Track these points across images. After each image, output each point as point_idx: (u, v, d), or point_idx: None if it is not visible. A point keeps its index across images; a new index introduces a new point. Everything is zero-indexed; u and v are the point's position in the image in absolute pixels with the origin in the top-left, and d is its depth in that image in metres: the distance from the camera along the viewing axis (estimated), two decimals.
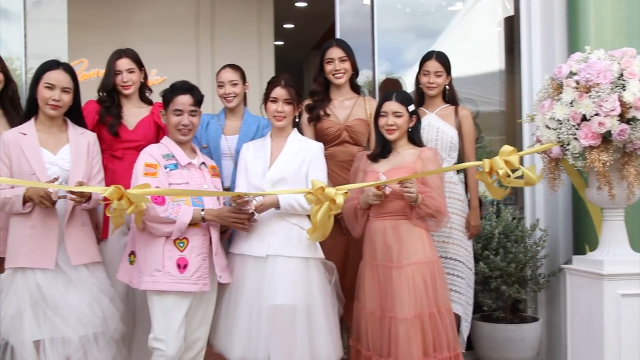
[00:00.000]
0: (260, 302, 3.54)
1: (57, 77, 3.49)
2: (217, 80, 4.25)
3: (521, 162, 3.61)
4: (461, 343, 4.25)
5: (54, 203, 3.34)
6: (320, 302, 3.61)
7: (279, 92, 3.73)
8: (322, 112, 4.23)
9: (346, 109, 4.27)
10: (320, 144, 3.89)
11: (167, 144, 3.62)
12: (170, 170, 3.53)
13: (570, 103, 3.61)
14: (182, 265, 3.42)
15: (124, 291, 3.78)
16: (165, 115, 3.63)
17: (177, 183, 3.51)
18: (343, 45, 4.29)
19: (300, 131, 3.95)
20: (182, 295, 3.42)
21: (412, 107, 3.77)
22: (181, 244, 3.45)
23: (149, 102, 4.22)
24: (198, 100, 3.62)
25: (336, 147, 4.21)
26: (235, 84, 4.19)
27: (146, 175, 3.46)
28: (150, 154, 3.55)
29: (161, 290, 3.40)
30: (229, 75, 4.20)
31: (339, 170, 4.16)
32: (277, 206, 3.60)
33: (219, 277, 3.53)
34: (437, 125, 4.32)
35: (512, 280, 4.60)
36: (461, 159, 4.38)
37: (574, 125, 3.58)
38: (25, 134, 3.48)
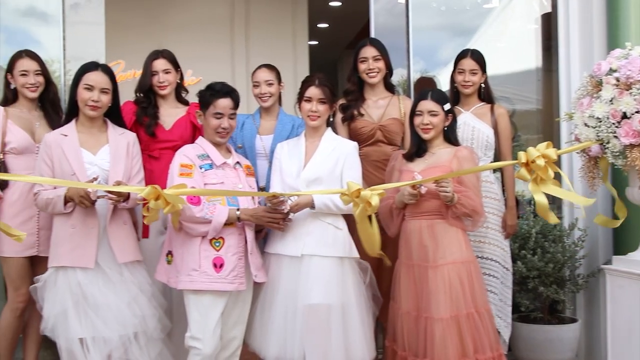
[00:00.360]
0: (296, 301, 3.55)
1: (95, 78, 3.53)
2: (253, 80, 4.27)
3: (559, 161, 3.57)
4: (502, 343, 4.21)
5: (93, 203, 3.38)
6: (355, 301, 3.61)
7: (313, 91, 3.73)
8: (355, 112, 4.23)
9: (380, 109, 4.26)
10: (355, 143, 3.88)
11: (202, 144, 3.64)
12: (206, 170, 3.55)
13: (610, 100, 3.55)
14: (218, 265, 3.44)
15: (162, 290, 3.82)
16: (203, 116, 3.65)
17: (212, 183, 3.53)
18: (377, 44, 4.27)
19: (335, 130, 3.95)
20: (219, 294, 3.44)
21: (447, 106, 3.75)
22: (217, 244, 3.47)
23: (185, 103, 4.26)
24: (237, 103, 3.64)
25: (370, 147, 4.20)
26: (270, 84, 4.20)
27: (181, 175, 3.48)
28: (186, 154, 3.58)
29: (198, 289, 3.43)
30: (265, 75, 4.21)
31: (373, 170, 4.15)
32: (312, 206, 3.61)
33: (254, 276, 3.55)
34: (473, 124, 4.29)
35: (550, 281, 4.54)
36: (497, 157, 4.34)
37: (613, 123, 3.53)
38: (66, 135, 3.53)
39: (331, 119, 3.88)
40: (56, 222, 3.52)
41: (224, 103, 3.59)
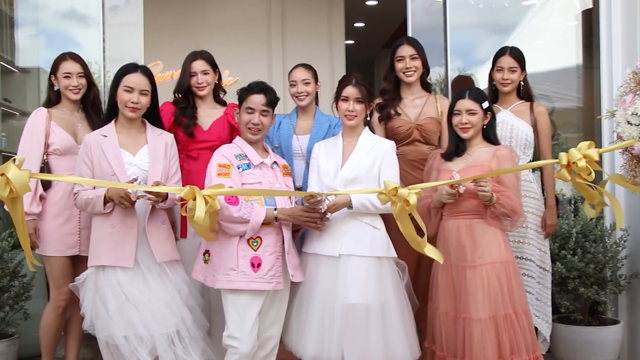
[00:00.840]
0: (334, 301, 3.54)
1: (135, 80, 3.57)
2: (290, 80, 4.28)
3: (600, 160, 3.51)
4: (543, 344, 4.17)
5: (133, 203, 3.43)
6: (394, 301, 3.59)
7: (350, 90, 3.73)
8: (392, 111, 4.22)
9: (417, 108, 4.24)
10: (392, 142, 3.86)
11: (239, 144, 3.67)
12: (243, 170, 3.57)
13: None
14: (255, 264, 3.46)
15: (199, 289, 3.85)
16: (239, 113, 3.68)
17: (250, 183, 3.55)
18: (414, 42, 4.26)
19: (372, 130, 3.94)
20: (256, 293, 3.46)
21: (486, 104, 3.71)
22: (255, 243, 3.49)
23: (223, 103, 4.28)
24: (271, 101, 3.65)
25: (407, 147, 4.19)
26: (307, 83, 4.21)
27: (219, 175, 3.50)
28: (223, 154, 3.60)
29: (235, 288, 3.45)
30: (301, 74, 4.23)
31: (410, 169, 4.14)
32: (350, 206, 3.61)
33: (291, 275, 3.56)
34: (512, 122, 4.25)
35: (590, 282, 4.48)
36: (536, 156, 4.29)
37: None
38: (106, 136, 3.58)
39: (368, 118, 3.87)
40: (96, 221, 3.56)
41: (256, 99, 3.61)
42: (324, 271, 3.61)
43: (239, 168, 3.56)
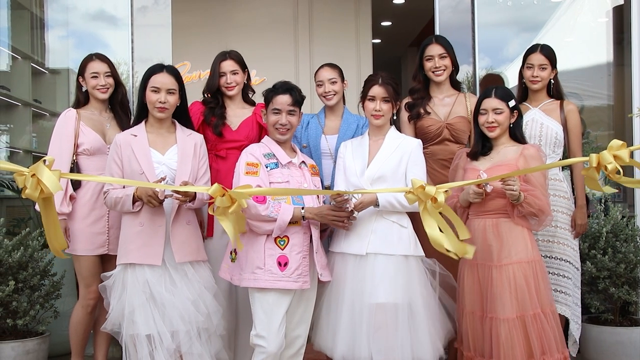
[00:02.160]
0: (362, 300, 3.56)
1: (161, 80, 3.63)
2: (316, 80, 4.31)
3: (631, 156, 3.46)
4: (573, 346, 4.14)
5: (161, 202, 3.48)
6: (421, 300, 3.59)
7: (376, 90, 3.74)
8: (422, 110, 4.22)
9: (447, 107, 4.24)
10: (419, 141, 3.86)
11: (267, 144, 3.70)
12: (271, 169, 3.59)
13: None
14: (282, 263, 3.48)
15: (227, 288, 3.89)
16: (266, 114, 3.71)
17: (278, 182, 3.58)
18: (443, 41, 4.25)
19: (398, 128, 3.95)
20: (283, 292, 3.48)
21: (512, 103, 3.70)
22: (282, 242, 3.52)
23: (251, 103, 4.32)
24: (297, 100, 3.67)
25: (436, 146, 4.20)
26: (334, 82, 4.23)
27: (247, 174, 3.54)
28: (252, 153, 3.64)
29: (262, 287, 3.48)
30: (328, 73, 4.24)
31: (440, 168, 4.15)
32: (376, 204, 3.62)
33: (320, 275, 3.58)
34: (541, 120, 4.23)
35: (621, 282, 4.45)
36: (566, 155, 4.26)
37: None
38: (135, 136, 3.64)
39: (394, 117, 3.87)
40: (125, 220, 3.62)
41: (282, 99, 3.63)
42: (352, 270, 3.63)
43: (267, 167, 3.59)
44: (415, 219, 3.62)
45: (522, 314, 3.49)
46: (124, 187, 3.54)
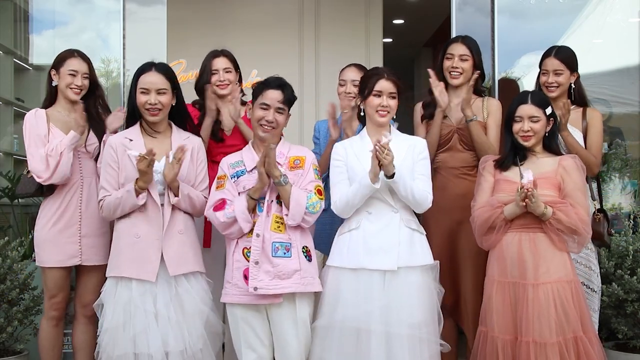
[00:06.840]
0: (400, 321, 3.45)
1: (150, 79, 3.59)
2: (340, 78, 4.28)
3: None
4: None
5: (150, 164, 3.42)
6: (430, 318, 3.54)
7: (383, 84, 3.64)
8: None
9: (461, 111, 4.16)
10: (425, 140, 3.79)
11: (247, 147, 3.66)
12: (238, 177, 3.56)
13: None
14: (248, 277, 3.44)
15: None
16: (252, 108, 3.64)
17: (248, 189, 3.51)
18: (469, 42, 4.21)
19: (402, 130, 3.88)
20: (251, 307, 3.45)
21: (549, 110, 3.64)
22: (249, 254, 3.47)
23: (243, 104, 4.26)
24: (289, 98, 3.60)
25: (445, 153, 4.17)
26: (357, 85, 4.16)
27: (217, 188, 3.56)
28: (222, 164, 3.64)
29: (230, 302, 3.49)
30: (354, 74, 4.18)
31: (453, 178, 4.12)
32: (392, 174, 3.44)
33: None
34: None
35: None
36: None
37: None
38: (131, 140, 3.61)
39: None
40: (118, 229, 3.59)
41: (272, 94, 3.57)
42: (378, 288, 3.49)
43: (232, 177, 3.56)
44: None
45: (563, 338, 3.41)
46: (118, 189, 3.54)
